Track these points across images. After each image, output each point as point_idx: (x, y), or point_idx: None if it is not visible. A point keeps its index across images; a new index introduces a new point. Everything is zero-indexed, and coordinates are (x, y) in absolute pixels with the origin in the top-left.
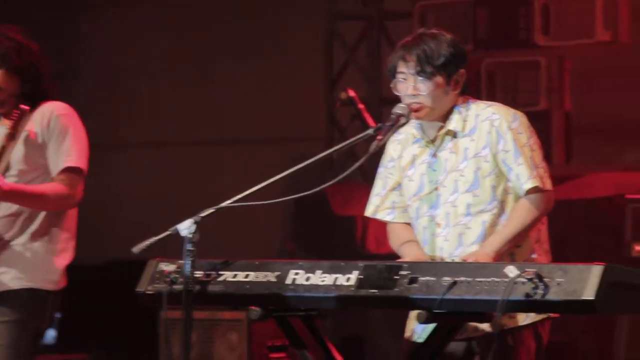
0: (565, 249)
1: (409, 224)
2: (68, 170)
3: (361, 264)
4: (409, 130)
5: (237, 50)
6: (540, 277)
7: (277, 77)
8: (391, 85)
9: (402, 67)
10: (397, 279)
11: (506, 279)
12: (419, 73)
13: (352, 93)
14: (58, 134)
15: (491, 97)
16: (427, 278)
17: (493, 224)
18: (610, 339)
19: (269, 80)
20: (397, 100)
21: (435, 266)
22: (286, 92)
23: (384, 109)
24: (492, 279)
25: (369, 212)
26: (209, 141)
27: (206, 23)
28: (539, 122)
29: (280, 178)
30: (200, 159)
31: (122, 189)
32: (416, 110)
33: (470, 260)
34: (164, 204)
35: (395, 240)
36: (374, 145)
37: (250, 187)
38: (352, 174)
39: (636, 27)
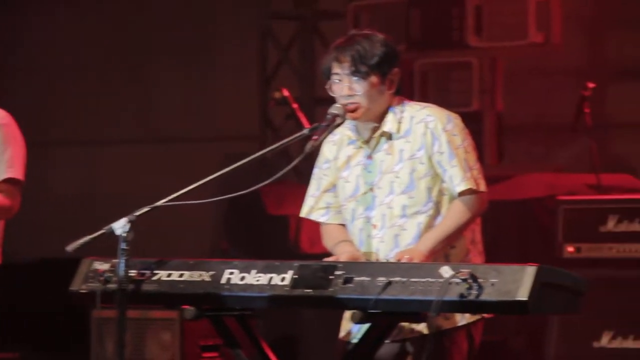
0: (497, 250)
1: (343, 225)
2: (9, 181)
3: (296, 263)
4: (344, 132)
5: (170, 49)
6: (474, 278)
7: (211, 76)
8: (326, 87)
9: (336, 68)
10: (331, 279)
11: (441, 280)
12: (353, 73)
13: (286, 93)
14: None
15: (424, 97)
16: (362, 278)
17: (429, 226)
18: (541, 339)
19: (202, 79)
20: (330, 99)
21: (370, 266)
22: (220, 91)
23: (317, 109)
24: (427, 279)
25: (303, 212)
26: (143, 139)
27: (140, 21)
28: (471, 123)
29: (215, 177)
30: (134, 157)
31: (56, 187)
32: (352, 111)
33: (404, 258)
34: (98, 202)
35: (329, 240)
36: (309, 145)
37: (184, 186)
38: (286, 174)
39: (568, 29)
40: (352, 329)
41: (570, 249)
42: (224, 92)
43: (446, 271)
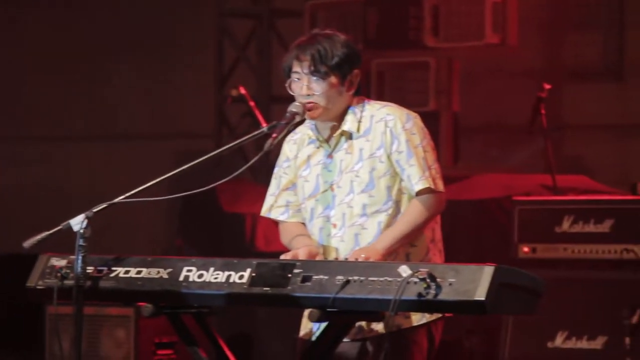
0: (453, 250)
1: (302, 223)
2: None
3: (254, 261)
4: (305, 131)
5: (128, 47)
6: (432, 277)
7: (168, 74)
8: (286, 85)
9: (296, 67)
10: (290, 277)
11: (399, 279)
12: (313, 73)
13: (242, 90)
14: None
15: (380, 97)
16: (320, 276)
17: (389, 224)
18: (495, 339)
19: (159, 77)
20: (286, 97)
21: (329, 265)
22: (176, 89)
23: (273, 107)
24: (385, 278)
25: (263, 211)
26: (99, 136)
27: (98, 18)
28: (428, 123)
29: (172, 174)
30: (90, 154)
31: (12, 183)
32: (310, 110)
33: (361, 256)
34: (54, 198)
35: (287, 236)
36: (268, 143)
37: (140, 183)
38: (242, 172)
39: (524, 31)
40: (312, 327)
41: (526, 249)
42: (180, 90)
43: (404, 270)
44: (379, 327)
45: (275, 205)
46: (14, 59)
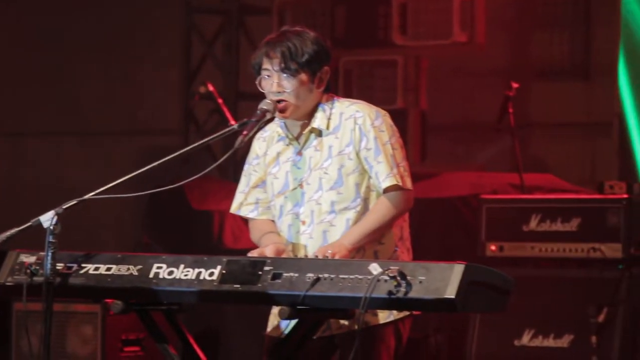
0: (420, 248)
1: (271, 220)
2: None
3: (224, 259)
4: (274, 128)
5: (95, 42)
6: (403, 275)
7: (135, 70)
8: (256, 82)
9: (266, 64)
10: (260, 274)
11: (369, 277)
12: (283, 70)
13: (211, 87)
14: None
15: (348, 95)
16: (291, 274)
17: (357, 221)
18: (462, 337)
19: (126, 73)
20: (254, 94)
21: (299, 262)
22: (144, 85)
23: (240, 104)
24: (356, 275)
25: (233, 208)
26: (67, 132)
27: (63, 13)
28: (396, 121)
29: (142, 171)
30: (57, 150)
31: None
32: (282, 111)
33: (327, 252)
34: (21, 194)
35: (256, 233)
36: (239, 141)
37: (108, 179)
38: (211, 169)
39: (491, 29)
40: (280, 324)
41: (493, 247)
42: (147, 86)
43: (375, 268)
44: (346, 323)
45: (244, 202)
46: None
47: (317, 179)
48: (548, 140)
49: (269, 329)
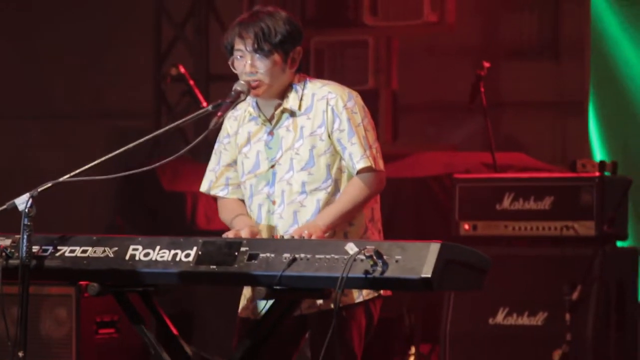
0: (394, 228)
1: (241, 200)
2: None
3: (200, 240)
4: (245, 107)
5: (63, 25)
6: (379, 255)
7: (105, 52)
8: (229, 63)
9: (239, 45)
10: (236, 255)
11: (346, 256)
12: (256, 51)
13: (182, 69)
14: None
15: (319, 75)
16: (267, 254)
17: (327, 202)
18: (436, 316)
19: (96, 55)
20: (225, 75)
21: (275, 242)
22: (114, 68)
23: (211, 85)
24: (332, 255)
25: (203, 188)
26: (36, 115)
27: None
28: (367, 102)
29: (117, 154)
30: (26, 133)
31: None
32: (254, 87)
33: (303, 232)
34: None
35: (226, 213)
36: (213, 122)
37: (80, 162)
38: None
39: (462, 9)
40: (252, 305)
41: (467, 226)
42: (118, 69)
43: (351, 248)
44: (317, 303)
45: (216, 182)
46: None
47: (288, 160)
48: (520, 120)
49: (240, 309)
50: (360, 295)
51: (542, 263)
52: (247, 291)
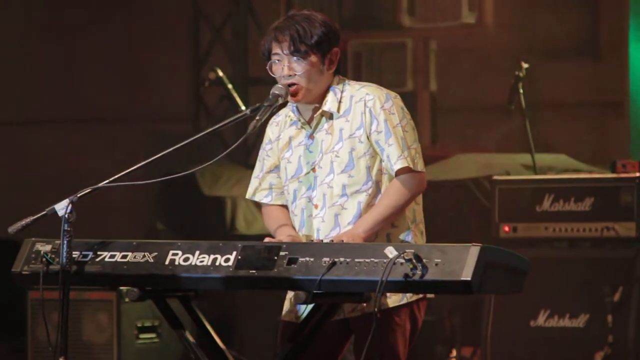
0: (433, 231)
1: (285, 206)
2: None
3: (240, 244)
4: (286, 112)
5: (102, 30)
6: (418, 258)
7: (144, 57)
8: (267, 68)
9: (276, 49)
10: (276, 259)
11: (385, 260)
12: (293, 53)
13: (220, 73)
14: None
15: (357, 78)
16: (307, 258)
17: (369, 204)
18: (477, 318)
19: (135, 60)
20: (264, 79)
21: (315, 247)
22: (153, 72)
23: (250, 89)
24: (372, 259)
25: (249, 194)
26: (76, 120)
27: (69, 1)
28: (405, 104)
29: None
30: (67, 138)
31: None
32: (294, 94)
33: (342, 240)
34: (31, 184)
35: (271, 222)
36: (252, 126)
37: (119, 166)
38: (223, 155)
39: (499, 9)
40: (295, 308)
41: (507, 228)
42: (156, 73)
43: (391, 251)
44: (360, 306)
45: (259, 188)
46: None
47: (328, 162)
48: (559, 120)
49: (284, 313)
50: (404, 297)
51: (582, 264)
52: (290, 295)
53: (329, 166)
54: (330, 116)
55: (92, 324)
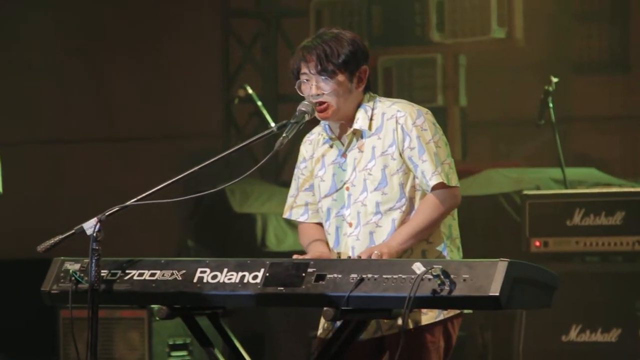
0: (464, 246)
1: (320, 224)
2: None
3: (268, 261)
4: (319, 131)
5: (132, 48)
6: (446, 274)
7: (174, 75)
8: (296, 87)
9: (304, 68)
10: (303, 276)
11: (413, 276)
12: (320, 72)
13: (250, 90)
14: None
15: (388, 94)
16: (334, 275)
17: (403, 222)
18: (508, 334)
19: (165, 78)
20: (293, 96)
21: (342, 263)
22: (183, 90)
23: (280, 106)
24: (399, 275)
25: (285, 214)
26: (106, 138)
27: (100, 19)
28: (436, 119)
29: (183, 176)
30: (96, 157)
31: (19, 187)
32: (322, 111)
33: (374, 253)
34: (62, 202)
35: (305, 239)
36: (278, 143)
37: (149, 184)
38: (251, 172)
39: (529, 24)
40: (330, 325)
41: (537, 243)
42: (187, 91)
43: (418, 267)
44: (396, 325)
45: (294, 206)
46: (12, 61)
47: (361, 180)
48: (590, 134)
49: (319, 331)
50: (440, 314)
51: (614, 279)
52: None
53: (362, 184)
54: (361, 134)
55: (124, 342)
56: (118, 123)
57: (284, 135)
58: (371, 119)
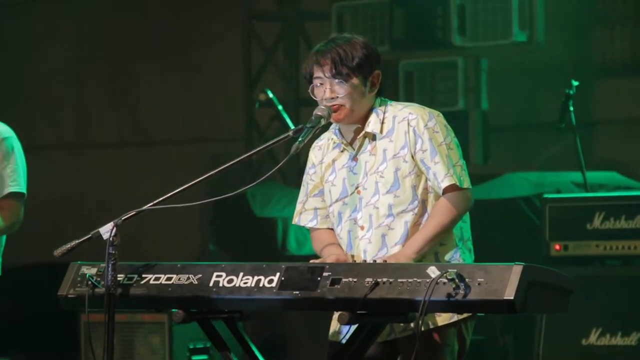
0: (483, 249)
1: (331, 229)
2: (12, 195)
3: (283, 265)
4: (329, 136)
5: (154, 52)
6: (461, 277)
7: (196, 78)
8: (309, 91)
9: (317, 72)
10: (319, 280)
11: (428, 280)
12: (334, 76)
13: (271, 94)
14: (3, 158)
15: (409, 97)
16: (349, 279)
17: (415, 224)
18: (529, 337)
19: (187, 81)
20: (314, 100)
21: (357, 267)
22: (204, 93)
23: (302, 110)
24: (414, 279)
25: (294, 219)
26: (127, 143)
27: (123, 23)
28: (457, 122)
29: (202, 179)
30: (119, 161)
31: (41, 191)
32: (336, 111)
33: (390, 261)
34: (83, 206)
35: (317, 244)
36: (294, 147)
37: (169, 189)
38: (272, 175)
39: (551, 27)
40: (341, 329)
41: (557, 247)
42: (208, 94)
43: (433, 271)
44: (409, 327)
45: (303, 212)
46: (39, 66)
47: (373, 183)
48: (611, 138)
49: (330, 333)
50: (453, 316)
51: (634, 282)
52: (336, 314)
53: (374, 187)
54: (373, 137)
55: (145, 346)
56: (141, 127)
57: (299, 139)
58: (382, 123)
